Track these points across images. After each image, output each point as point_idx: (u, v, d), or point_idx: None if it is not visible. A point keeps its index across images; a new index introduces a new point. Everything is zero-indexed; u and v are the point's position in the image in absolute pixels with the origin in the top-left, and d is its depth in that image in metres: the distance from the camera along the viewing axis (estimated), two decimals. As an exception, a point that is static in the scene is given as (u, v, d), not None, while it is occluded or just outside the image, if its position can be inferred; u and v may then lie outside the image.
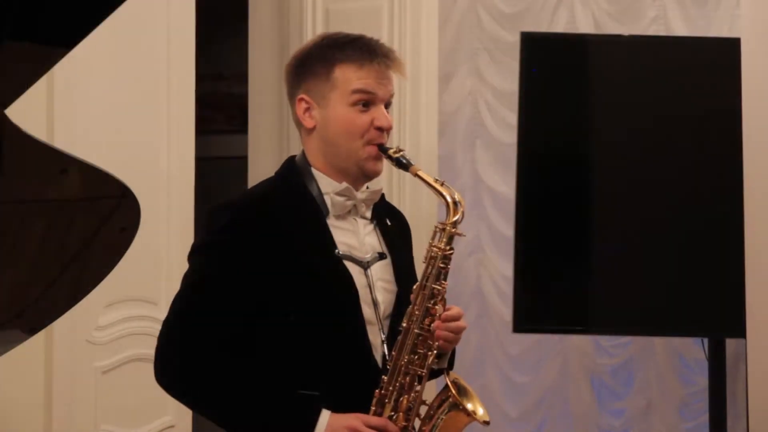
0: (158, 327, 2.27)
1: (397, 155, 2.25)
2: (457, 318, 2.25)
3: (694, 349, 4.47)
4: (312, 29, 4.41)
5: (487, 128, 4.82)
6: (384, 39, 4.21)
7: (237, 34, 5.13)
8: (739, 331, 3.47)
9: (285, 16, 4.60)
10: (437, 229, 2.26)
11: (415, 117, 4.28)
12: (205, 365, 2.21)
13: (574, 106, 4.14)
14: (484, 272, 4.82)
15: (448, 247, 2.24)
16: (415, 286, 2.25)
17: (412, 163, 2.26)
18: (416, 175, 2.24)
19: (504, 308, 4.65)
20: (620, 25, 4.63)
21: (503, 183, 4.74)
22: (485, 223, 4.82)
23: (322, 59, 2.28)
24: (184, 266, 2.30)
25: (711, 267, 3.99)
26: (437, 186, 2.25)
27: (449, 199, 2.24)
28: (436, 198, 2.30)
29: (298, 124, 2.34)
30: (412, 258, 2.46)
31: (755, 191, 3.34)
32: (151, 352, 2.26)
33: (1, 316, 2.04)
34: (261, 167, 4.48)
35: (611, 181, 4.11)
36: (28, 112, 2.16)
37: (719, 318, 3.96)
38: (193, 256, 2.28)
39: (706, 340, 4.15)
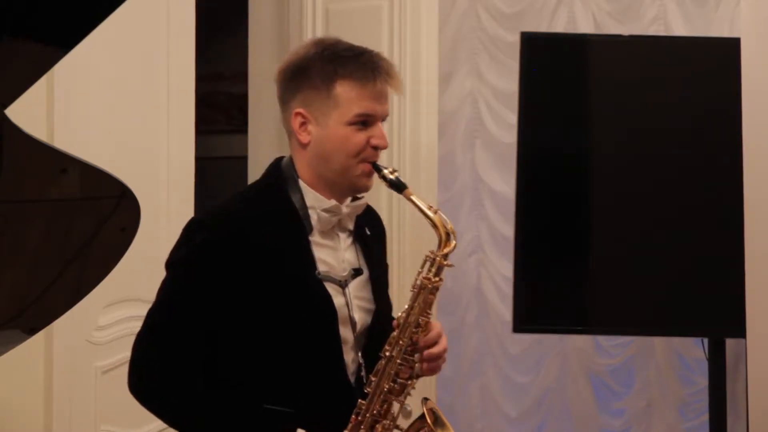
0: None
1: (391, 176, 2.23)
2: (436, 341, 2.25)
3: (694, 349, 4.46)
4: (312, 29, 4.41)
5: (487, 128, 4.82)
6: (384, 39, 4.29)
7: (237, 34, 5.13)
8: (739, 331, 3.46)
9: (285, 16, 4.59)
10: (427, 259, 2.24)
11: (415, 117, 4.27)
12: (180, 384, 2.21)
13: (574, 106, 4.14)
14: (484, 272, 4.82)
15: (437, 279, 2.23)
16: (401, 313, 2.23)
17: (406, 185, 2.24)
18: (409, 199, 2.22)
19: (504, 308, 4.65)
20: (620, 25, 4.63)
21: (503, 183, 4.73)
22: (485, 223, 4.82)
23: (322, 73, 2.24)
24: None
25: (711, 267, 3.98)
26: (429, 213, 2.22)
27: (442, 231, 2.22)
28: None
29: (290, 133, 2.31)
30: (386, 266, 2.46)
31: (755, 191, 3.34)
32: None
33: (1, 316, 2.03)
34: (261, 167, 4.39)
35: (611, 180, 4.10)
36: (28, 112, 2.15)
37: (719, 318, 3.96)
38: (169, 269, 2.27)
39: (706, 340, 4.15)
